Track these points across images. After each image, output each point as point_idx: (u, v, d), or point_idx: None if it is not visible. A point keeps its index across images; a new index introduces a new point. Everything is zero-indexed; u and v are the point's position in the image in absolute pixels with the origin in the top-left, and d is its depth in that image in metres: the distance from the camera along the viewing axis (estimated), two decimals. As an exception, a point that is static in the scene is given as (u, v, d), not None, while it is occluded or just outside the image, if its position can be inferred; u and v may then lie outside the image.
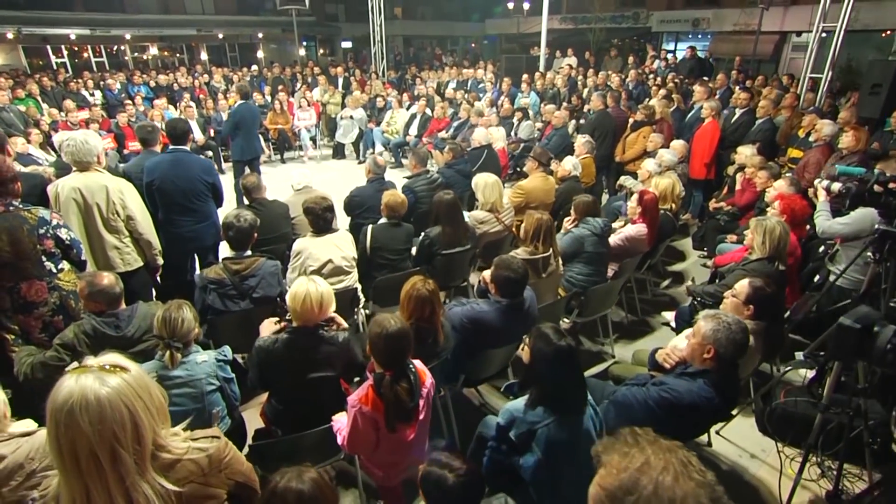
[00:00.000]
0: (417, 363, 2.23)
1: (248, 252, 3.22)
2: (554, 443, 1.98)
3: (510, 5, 24.15)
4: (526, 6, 23.58)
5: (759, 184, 5.02)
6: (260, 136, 8.09)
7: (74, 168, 3.46)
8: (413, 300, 2.64)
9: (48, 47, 19.09)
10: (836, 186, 3.19)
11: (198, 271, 4.45)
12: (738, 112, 6.81)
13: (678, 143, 5.99)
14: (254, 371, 2.51)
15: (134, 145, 8.40)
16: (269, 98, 11.07)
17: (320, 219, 3.54)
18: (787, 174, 4.83)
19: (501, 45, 26.79)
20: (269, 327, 2.67)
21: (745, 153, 5.78)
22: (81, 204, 3.40)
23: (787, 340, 3.37)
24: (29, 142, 7.00)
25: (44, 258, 3.06)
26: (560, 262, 3.62)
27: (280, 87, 11.66)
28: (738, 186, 5.94)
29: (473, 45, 28.27)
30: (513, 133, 8.60)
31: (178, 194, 3.88)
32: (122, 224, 3.52)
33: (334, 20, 26.61)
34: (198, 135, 9.05)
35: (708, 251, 5.91)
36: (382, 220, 3.98)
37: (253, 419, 2.82)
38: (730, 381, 2.33)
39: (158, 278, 4.04)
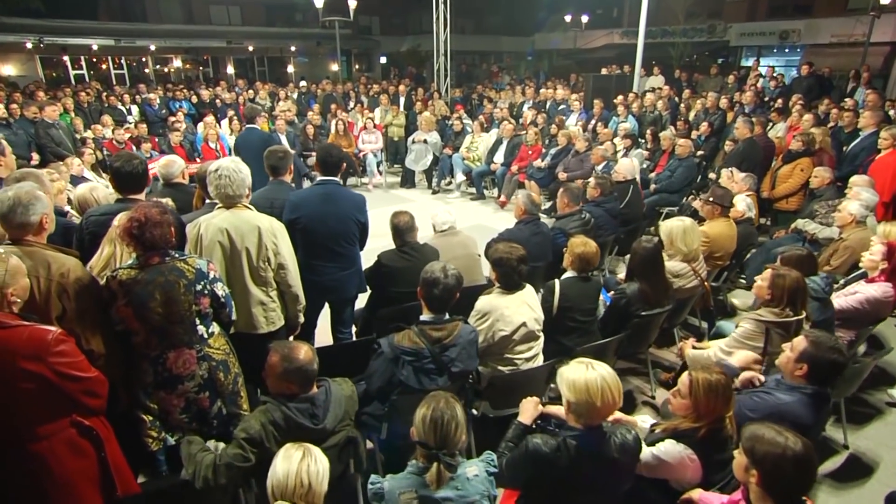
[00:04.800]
0: None
1: (447, 315, 2.85)
2: None
3: (567, 18, 24.29)
4: (584, 19, 23.73)
5: None
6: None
7: (219, 203, 3.16)
8: (710, 393, 2.23)
9: (66, 58, 19.57)
10: None
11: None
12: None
13: (863, 179, 5.55)
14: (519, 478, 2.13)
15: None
16: (319, 117, 10.87)
17: (515, 272, 3.15)
18: None
19: (552, 62, 26.95)
20: (530, 410, 2.29)
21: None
22: (228, 249, 3.07)
23: None
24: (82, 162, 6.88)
25: (196, 320, 2.72)
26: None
27: (333, 106, 11.54)
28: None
29: (507, 59, 28.34)
30: (620, 162, 8.25)
31: (327, 235, 3.54)
32: (271, 274, 3.19)
33: (367, 33, 27.06)
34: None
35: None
36: (568, 274, 3.61)
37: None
38: None
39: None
